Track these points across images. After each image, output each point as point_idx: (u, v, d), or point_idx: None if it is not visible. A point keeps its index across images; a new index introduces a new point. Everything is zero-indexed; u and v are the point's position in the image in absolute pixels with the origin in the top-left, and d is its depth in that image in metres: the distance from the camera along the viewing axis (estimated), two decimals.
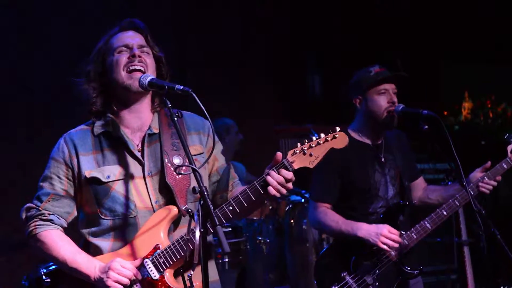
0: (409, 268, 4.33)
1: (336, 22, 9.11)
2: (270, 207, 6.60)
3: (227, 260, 6.06)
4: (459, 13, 8.76)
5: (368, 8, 8.94)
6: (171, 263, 3.14)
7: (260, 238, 6.46)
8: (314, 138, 3.14)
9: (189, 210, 2.88)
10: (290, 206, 6.65)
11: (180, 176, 3.22)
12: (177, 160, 3.25)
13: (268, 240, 6.44)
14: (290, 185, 3.09)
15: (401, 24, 8.83)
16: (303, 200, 6.65)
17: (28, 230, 3.25)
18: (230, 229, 6.17)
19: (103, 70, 3.27)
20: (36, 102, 6.61)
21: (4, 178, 6.43)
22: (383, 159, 4.50)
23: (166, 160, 3.24)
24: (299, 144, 3.15)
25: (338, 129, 3.16)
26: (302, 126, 7.26)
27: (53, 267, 4.40)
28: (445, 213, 4.36)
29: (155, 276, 3.14)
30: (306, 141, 3.13)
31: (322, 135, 3.15)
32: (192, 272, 3.05)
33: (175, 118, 2.94)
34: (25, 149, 6.50)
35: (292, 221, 6.62)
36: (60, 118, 5.21)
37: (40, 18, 6.73)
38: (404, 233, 4.33)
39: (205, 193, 2.77)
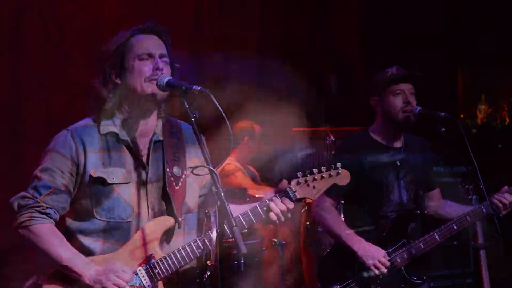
0: (413, 277, 4.32)
1: (354, 23, 9.09)
2: None
3: (243, 261, 6.06)
4: (477, 16, 8.72)
5: (386, 9, 8.92)
6: (166, 274, 3.16)
7: (276, 240, 6.46)
8: (316, 171, 3.29)
9: (206, 212, 2.89)
10: (306, 208, 6.64)
11: (178, 187, 3.25)
12: (176, 171, 3.27)
13: (283, 242, 6.44)
14: (289, 214, 3.24)
15: (419, 26, 8.81)
16: None
17: (21, 220, 3.15)
18: (246, 230, 6.17)
19: (120, 70, 3.24)
20: None
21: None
22: (399, 162, 4.48)
23: (168, 170, 3.25)
24: (301, 174, 3.27)
25: (339, 164, 3.32)
26: (319, 127, 7.25)
27: None
28: (455, 227, 4.34)
29: (148, 285, 3.15)
30: (309, 172, 3.28)
31: (325, 170, 3.30)
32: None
33: (192, 119, 2.95)
34: None
35: (308, 223, 6.61)
36: None
37: None
38: (412, 241, 4.32)
39: (222, 194, 2.80)
